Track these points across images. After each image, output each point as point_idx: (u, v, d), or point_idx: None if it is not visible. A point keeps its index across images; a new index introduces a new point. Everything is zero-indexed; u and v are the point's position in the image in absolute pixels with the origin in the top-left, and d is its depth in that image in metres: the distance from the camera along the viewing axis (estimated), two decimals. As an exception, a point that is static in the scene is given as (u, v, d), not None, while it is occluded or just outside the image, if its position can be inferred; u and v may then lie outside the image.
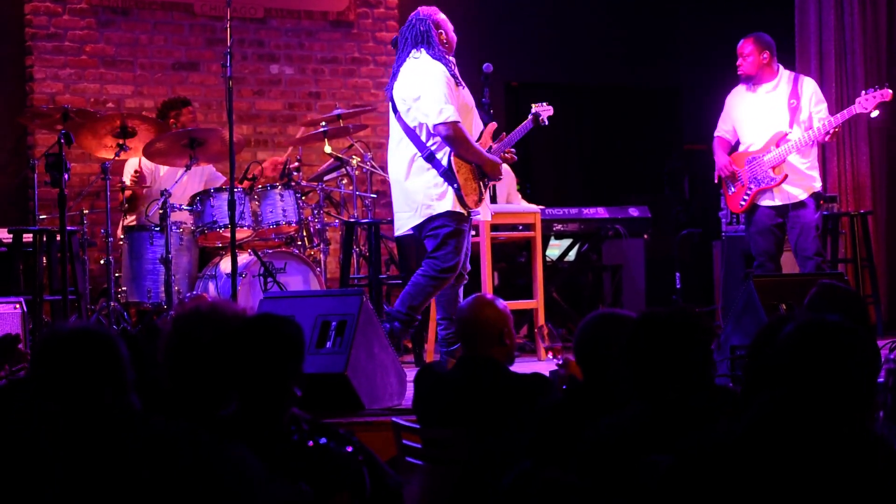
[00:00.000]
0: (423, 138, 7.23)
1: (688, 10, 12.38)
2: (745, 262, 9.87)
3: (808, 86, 8.61)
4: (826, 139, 8.45)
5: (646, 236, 11.06)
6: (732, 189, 8.71)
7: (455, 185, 7.18)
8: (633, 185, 11.43)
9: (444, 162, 7.21)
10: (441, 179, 7.21)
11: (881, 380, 4.08)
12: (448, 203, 7.20)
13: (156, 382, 3.80)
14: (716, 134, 8.84)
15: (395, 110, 7.34)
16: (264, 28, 10.84)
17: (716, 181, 8.89)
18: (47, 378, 3.24)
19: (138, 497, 3.11)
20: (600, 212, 10.61)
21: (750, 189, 8.60)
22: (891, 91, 8.34)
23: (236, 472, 3.24)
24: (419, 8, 7.46)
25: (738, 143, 8.79)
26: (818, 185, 8.60)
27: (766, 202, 8.58)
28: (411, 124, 7.25)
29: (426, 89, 7.19)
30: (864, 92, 8.47)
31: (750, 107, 8.67)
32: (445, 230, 7.21)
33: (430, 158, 7.22)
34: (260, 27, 10.82)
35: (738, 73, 8.66)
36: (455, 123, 7.13)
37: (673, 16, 12.37)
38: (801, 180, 8.53)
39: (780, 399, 2.91)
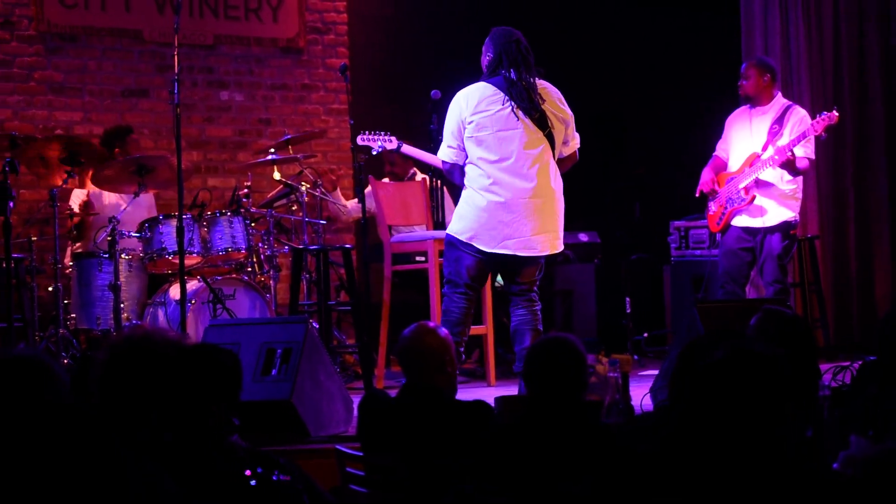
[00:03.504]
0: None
1: (633, 33, 12.44)
2: (694, 286, 9.94)
3: (796, 115, 8.70)
4: (781, 163, 8.45)
5: (596, 261, 11.12)
6: (713, 208, 8.83)
7: None
8: (579, 209, 11.53)
9: None
10: None
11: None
12: None
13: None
14: (714, 153, 8.95)
15: (543, 126, 7.13)
16: (214, 55, 10.84)
17: (696, 195, 8.97)
18: None
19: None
20: (550, 237, 10.62)
21: (726, 209, 8.70)
22: (837, 114, 8.43)
23: (149, 491, 3.22)
24: (504, 28, 7.18)
25: None
26: (791, 216, 8.66)
27: (738, 222, 8.69)
28: (559, 146, 7.20)
29: (571, 116, 7.25)
30: (818, 115, 8.55)
31: (740, 128, 8.82)
32: None
33: None
34: (209, 54, 10.82)
35: (739, 93, 8.82)
36: None
37: (619, 42, 12.42)
38: (777, 206, 8.61)
39: (684, 419, 2.95)
